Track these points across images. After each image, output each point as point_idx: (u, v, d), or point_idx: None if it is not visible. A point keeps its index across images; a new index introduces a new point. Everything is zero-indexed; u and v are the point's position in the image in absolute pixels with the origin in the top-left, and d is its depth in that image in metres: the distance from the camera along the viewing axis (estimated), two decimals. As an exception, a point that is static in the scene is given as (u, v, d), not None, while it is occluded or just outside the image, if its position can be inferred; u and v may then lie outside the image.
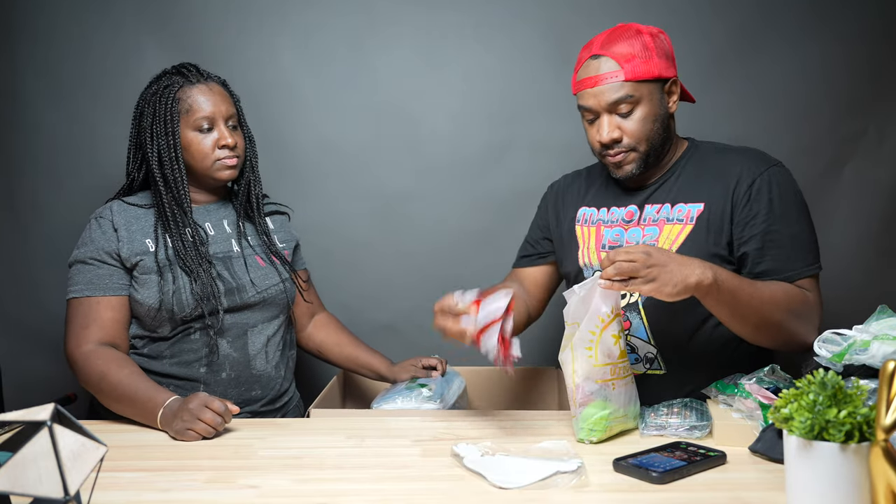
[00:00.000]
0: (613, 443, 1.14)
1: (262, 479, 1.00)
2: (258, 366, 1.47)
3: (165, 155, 1.42)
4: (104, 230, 1.41)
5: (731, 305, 1.18)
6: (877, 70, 1.93)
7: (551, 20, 1.97)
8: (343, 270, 2.00)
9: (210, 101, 1.44)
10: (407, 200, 2.01)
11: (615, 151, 1.34)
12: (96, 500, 0.87)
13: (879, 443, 0.74)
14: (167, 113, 1.41)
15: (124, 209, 1.44)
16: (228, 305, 1.42)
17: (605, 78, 1.31)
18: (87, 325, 1.37)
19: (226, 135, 1.44)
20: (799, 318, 1.25)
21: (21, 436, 0.70)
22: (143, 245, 1.41)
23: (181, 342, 1.42)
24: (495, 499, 0.92)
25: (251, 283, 1.46)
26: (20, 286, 1.99)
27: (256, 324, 1.47)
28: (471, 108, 2.00)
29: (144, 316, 1.40)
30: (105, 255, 1.40)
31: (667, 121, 1.36)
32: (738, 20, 1.94)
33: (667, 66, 1.34)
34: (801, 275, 1.29)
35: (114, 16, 1.94)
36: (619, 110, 1.32)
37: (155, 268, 1.39)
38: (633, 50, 1.31)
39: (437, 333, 1.98)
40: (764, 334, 1.25)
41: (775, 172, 1.33)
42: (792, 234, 1.30)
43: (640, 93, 1.31)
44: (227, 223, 1.53)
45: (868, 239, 1.96)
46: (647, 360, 1.38)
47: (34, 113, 1.96)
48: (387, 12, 1.98)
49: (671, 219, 1.36)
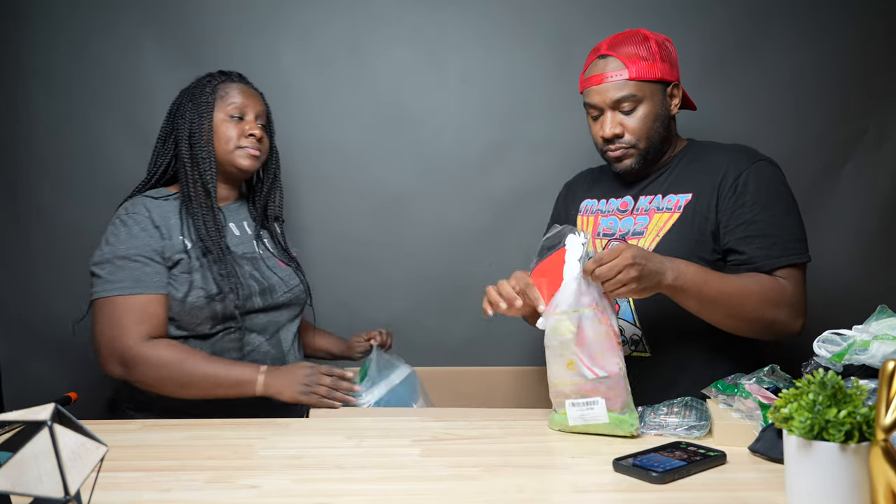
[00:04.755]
0: (613, 443, 1.14)
1: (262, 479, 1.00)
2: (290, 362, 1.53)
3: (196, 135, 1.47)
4: (145, 227, 1.42)
5: (698, 299, 1.25)
6: (876, 70, 1.93)
7: (551, 20, 1.97)
8: (343, 270, 2.00)
9: (244, 95, 1.53)
10: (407, 200, 2.01)
11: (616, 146, 1.42)
12: (96, 500, 0.87)
13: (879, 443, 0.74)
14: (204, 99, 1.49)
15: (156, 205, 1.46)
16: (262, 305, 1.47)
17: (611, 76, 1.39)
18: (142, 322, 1.37)
19: (254, 125, 1.51)
20: (776, 307, 1.29)
21: (21, 436, 0.70)
22: (180, 243, 1.43)
23: (220, 341, 1.44)
24: (495, 499, 0.92)
25: (281, 281, 1.53)
26: (20, 286, 1.99)
27: (285, 322, 1.54)
28: (471, 108, 2.00)
29: (185, 314, 1.41)
30: (152, 252, 1.41)
31: (668, 121, 1.44)
32: (737, 20, 1.94)
33: (670, 70, 1.42)
34: (779, 263, 1.33)
35: (114, 16, 1.94)
36: (622, 108, 1.39)
37: (197, 265, 1.42)
38: (638, 52, 1.39)
39: (436, 333, 2.00)
40: (738, 324, 1.30)
41: (762, 167, 1.38)
42: (774, 225, 1.34)
43: (642, 92, 1.38)
44: (248, 225, 1.59)
45: (868, 239, 1.97)
46: (633, 342, 1.44)
47: (35, 113, 1.96)
48: (387, 12, 1.98)
49: (661, 208, 1.43)
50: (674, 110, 1.44)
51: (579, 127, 1.98)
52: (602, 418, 1.15)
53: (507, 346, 1.99)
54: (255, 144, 1.51)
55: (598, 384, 1.14)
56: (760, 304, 1.28)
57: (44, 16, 1.94)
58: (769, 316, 1.29)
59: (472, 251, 2.01)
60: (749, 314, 1.28)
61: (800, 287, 1.34)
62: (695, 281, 1.23)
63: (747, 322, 1.30)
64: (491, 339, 2.01)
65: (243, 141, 1.50)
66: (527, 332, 2.01)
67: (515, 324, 2.01)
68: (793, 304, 1.31)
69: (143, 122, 1.95)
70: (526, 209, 2.00)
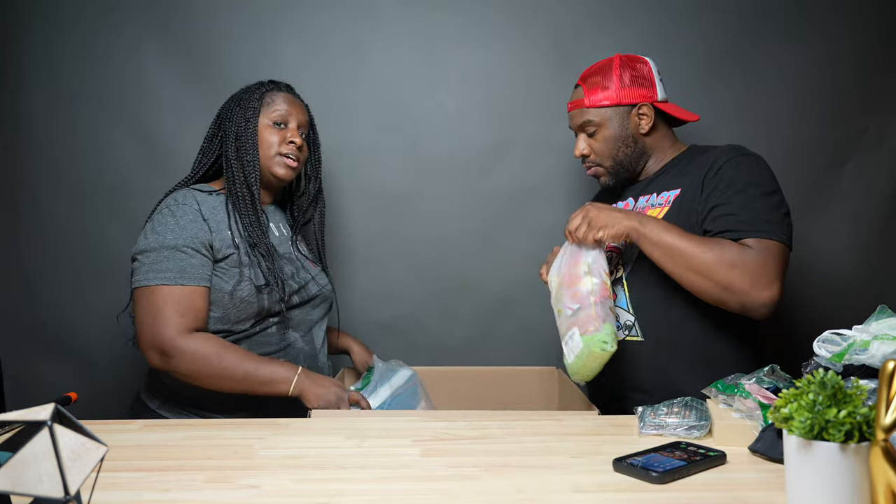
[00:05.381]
0: (613, 443, 1.14)
1: (262, 479, 1.00)
2: (321, 358, 1.59)
3: (242, 138, 1.51)
4: (194, 219, 1.43)
5: (658, 245, 1.34)
6: (877, 70, 1.94)
7: (550, 21, 1.97)
8: (343, 270, 2.00)
9: (289, 104, 1.57)
10: (407, 200, 2.01)
11: (586, 165, 1.60)
12: (96, 500, 0.87)
13: (879, 443, 0.74)
14: (251, 105, 1.54)
15: (205, 198, 1.48)
16: (299, 301, 1.52)
17: (575, 104, 1.57)
18: (185, 314, 1.38)
19: (295, 133, 1.55)
20: (730, 268, 1.31)
21: (21, 436, 0.70)
22: (228, 238, 1.45)
23: (259, 336, 1.47)
24: (495, 499, 0.92)
25: (314, 280, 1.57)
26: (20, 286, 1.99)
27: (317, 320, 1.59)
28: (471, 108, 2.00)
29: (232, 308, 1.43)
30: (199, 244, 1.42)
31: (633, 140, 1.55)
32: (736, 21, 1.94)
33: (633, 93, 1.52)
34: (743, 236, 1.35)
35: (115, 16, 1.94)
36: (587, 131, 1.56)
37: (247, 260, 1.44)
38: (601, 80, 1.53)
39: (436, 334, 2.00)
40: (697, 280, 1.33)
41: (744, 160, 1.42)
42: (743, 207, 1.37)
43: (600, 117, 1.53)
44: (283, 227, 1.64)
45: (868, 239, 1.97)
46: (627, 327, 1.51)
47: (35, 113, 1.96)
48: (387, 13, 1.98)
49: (654, 204, 1.52)
50: (643, 129, 1.54)
51: (579, 127, 1.98)
52: (578, 346, 1.30)
53: (508, 346, 1.99)
54: (295, 152, 1.55)
55: (574, 318, 1.33)
56: (717, 263, 1.30)
57: (47, 17, 1.94)
58: (724, 276, 1.30)
59: (471, 251, 2.01)
60: (705, 271, 1.31)
61: (766, 257, 1.32)
62: (658, 228, 1.34)
63: (704, 279, 1.32)
64: (491, 339, 2.01)
65: (284, 148, 1.54)
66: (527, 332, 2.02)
67: (515, 324, 2.02)
68: (752, 269, 1.30)
69: (146, 123, 1.95)
70: (526, 209, 2.00)
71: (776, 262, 1.32)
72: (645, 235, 1.35)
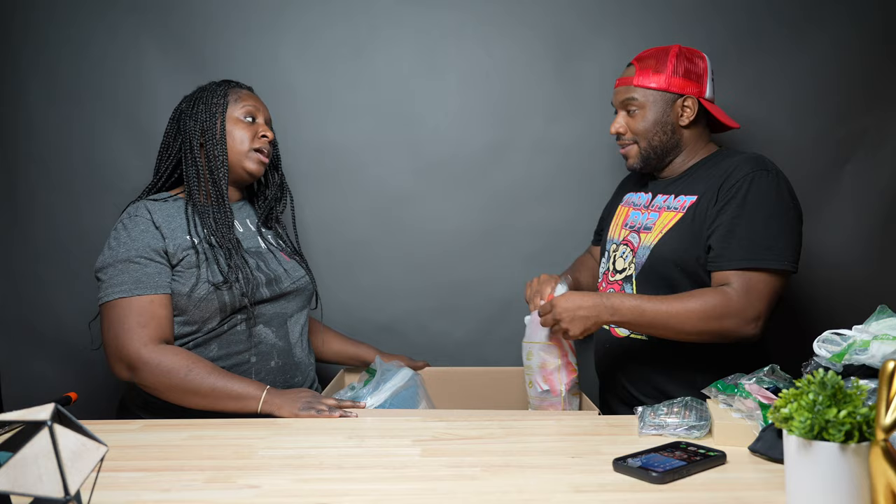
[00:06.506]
0: (613, 443, 1.14)
1: (262, 479, 1.00)
2: (297, 353, 1.55)
3: (209, 134, 1.50)
4: (146, 229, 1.43)
5: (639, 326, 1.39)
6: (876, 70, 1.93)
7: (551, 21, 1.97)
8: (343, 270, 2.00)
9: (255, 100, 1.58)
10: (407, 200, 2.01)
11: (621, 143, 1.59)
12: (96, 500, 0.87)
13: (879, 443, 0.74)
14: (216, 101, 1.53)
15: (158, 207, 1.47)
16: (269, 295, 1.50)
17: (623, 81, 1.56)
18: (146, 324, 1.37)
19: (266, 128, 1.56)
20: (719, 320, 1.34)
21: (21, 436, 0.70)
22: (185, 240, 1.44)
23: (228, 334, 1.46)
24: (495, 499, 0.92)
25: (286, 273, 1.55)
26: (20, 287, 1.99)
27: (292, 313, 1.56)
28: (471, 108, 2.00)
29: (193, 308, 1.42)
30: (153, 252, 1.41)
31: (671, 129, 1.53)
32: (738, 20, 1.94)
33: (683, 83, 1.51)
34: (737, 265, 1.36)
35: (114, 17, 1.94)
36: (628, 109, 1.55)
37: (204, 259, 1.43)
38: (653, 63, 1.52)
39: (436, 334, 2.01)
40: (688, 338, 1.38)
41: (761, 176, 1.40)
42: (748, 230, 1.37)
43: (645, 98, 1.52)
44: (250, 222, 1.62)
45: (868, 239, 1.97)
46: None
47: (34, 114, 1.96)
48: (387, 13, 1.98)
49: (670, 207, 1.52)
50: (683, 121, 1.52)
51: (579, 127, 1.98)
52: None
53: (507, 346, 1.99)
54: (268, 147, 1.55)
55: (543, 396, 1.47)
56: (702, 320, 1.34)
57: (45, 17, 1.94)
58: (715, 328, 1.35)
59: (471, 251, 2.01)
60: (692, 331, 1.35)
61: (748, 296, 1.34)
62: (632, 314, 1.36)
63: (696, 335, 1.36)
64: (491, 339, 2.01)
65: (256, 143, 1.54)
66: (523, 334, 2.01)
67: (515, 324, 2.01)
68: (739, 313, 1.33)
69: (145, 124, 1.95)
70: (526, 209, 2.00)
71: (759, 297, 1.34)
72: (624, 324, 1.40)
